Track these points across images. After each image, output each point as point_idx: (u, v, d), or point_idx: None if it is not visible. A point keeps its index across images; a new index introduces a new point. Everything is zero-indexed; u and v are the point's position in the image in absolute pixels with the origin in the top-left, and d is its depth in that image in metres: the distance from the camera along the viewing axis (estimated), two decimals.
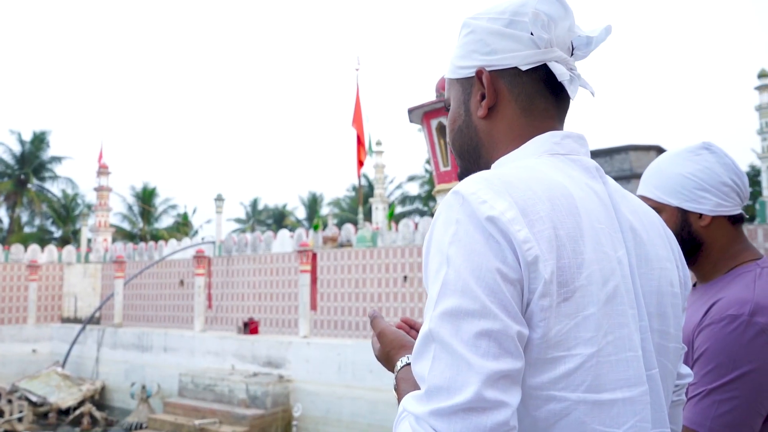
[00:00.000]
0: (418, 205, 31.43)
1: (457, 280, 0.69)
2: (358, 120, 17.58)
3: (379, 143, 24.62)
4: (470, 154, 0.93)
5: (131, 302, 20.29)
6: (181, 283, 19.32)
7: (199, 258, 16.97)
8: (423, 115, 3.09)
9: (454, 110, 0.94)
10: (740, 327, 1.23)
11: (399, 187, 32.94)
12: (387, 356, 0.93)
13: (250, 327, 15.63)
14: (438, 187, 3.06)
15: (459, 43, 0.92)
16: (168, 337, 16.82)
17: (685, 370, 0.96)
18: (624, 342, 0.74)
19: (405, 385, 0.83)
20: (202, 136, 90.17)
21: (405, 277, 14.87)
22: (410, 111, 3.25)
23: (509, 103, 0.88)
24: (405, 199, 31.86)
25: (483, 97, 0.89)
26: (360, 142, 17.37)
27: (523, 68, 0.86)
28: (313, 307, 15.03)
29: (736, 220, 1.44)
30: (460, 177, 1.00)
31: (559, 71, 0.85)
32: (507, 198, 0.73)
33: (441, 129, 2.99)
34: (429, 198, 28.84)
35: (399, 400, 0.84)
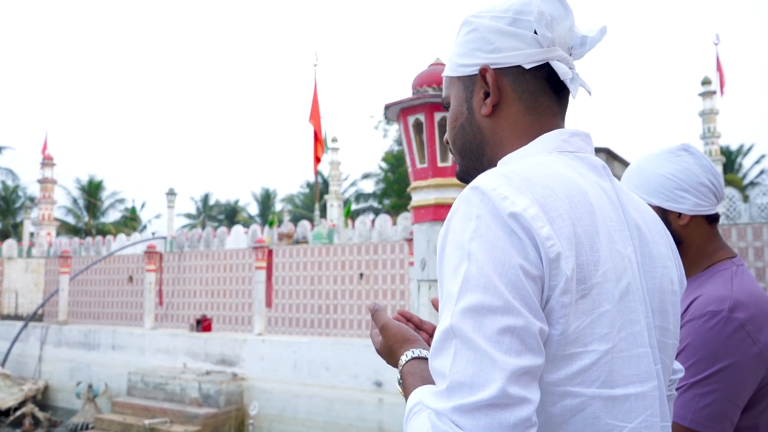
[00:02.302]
0: (372, 202, 31.42)
1: (480, 275, 0.69)
2: (315, 116, 17.44)
3: (335, 140, 24.52)
4: (473, 152, 0.93)
5: (77, 299, 19.61)
6: (130, 279, 18.79)
7: (150, 253, 16.53)
8: (399, 111, 3.10)
9: (456, 108, 0.94)
10: (720, 323, 1.27)
11: (353, 184, 32.88)
12: (390, 350, 0.92)
13: (203, 324, 15.32)
14: (414, 184, 3.09)
15: (460, 41, 0.92)
16: (116, 335, 16.32)
17: (677, 365, 0.99)
18: (636, 338, 0.76)
19: (412, 379, 0.83)
20: (152, 128, 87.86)
21: (361, 275, 14.86)
22: (387, 107, 3.26)
23: (513, 101, 0.88)
24: (359, 197, 31.80)
25: (486, 95, 0.89)
26: (317, 138, 17.24)
27: (527, 67, 0.86)
28: (269, 304, 14.87)
29: (712, 220, 1.49)
30: (460, 176, 0.99)
31: (562, 70, 0.86)
32: (528, 194, 0.73)
33: (417, 126, 3.01)
34: (384, 195, 28.86)
35: (405, 394, 0.84)
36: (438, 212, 3.17)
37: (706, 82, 17.76)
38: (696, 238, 1.47)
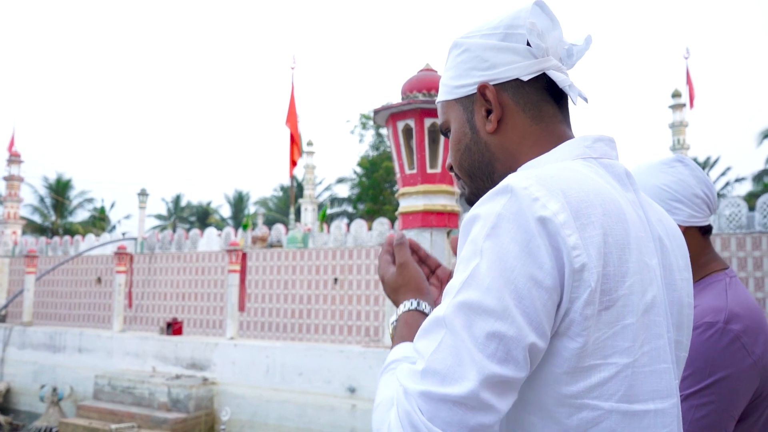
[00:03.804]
0: (346, 207, 31.36)
1: (486, 275, 0.68)
2: (292, 119, 17.34)
3: (310, 144, 24.42)
4: (482, 172, 0.91)
5: (43, 299, 19.14)
6: (99, 280, 18.42)
7: (121, 254, 16.22)
8: (389, 116, 3.08)
9: (458, 131, 0.92)
10: (716, 334, 1.28)
11: (328, 188, 32.77)
12: (397, 290, 0.92)
13: (174, 328, 15.07)
14: (402, 190, 3.06)
15: (452, 64, 0.92)
16: (83, 337, 15.95)
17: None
18: (659, 353, 0.75)
19: (405, 330, 0.85)
20: (123, 127, 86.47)
21: (335, 280, 14.80)
22: (376, 112, 3.23)
23: (517, 114, 0.88)
24: (334, 201, 31.71)
25: (488, 112, 0.88)
26: (294, 141, 17.15)
27: (525, 78, 0.86)
28: (241, 308, 14.70)
29: (705, 231, 1.50)
30: (471, 199, 0.96)
31: (560, 78, 0.86)
32: (561, 198, 0.71)
33: (407, 131, 2.99)
34: (358, 200, 28.82)
35: (393, 340, 0.87)
36: (426, 219, 3.12)
37: (676, 94, 18.14)
38: (690, 249, 1.47)
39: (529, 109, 0.87)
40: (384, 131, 27.03)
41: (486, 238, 0.70)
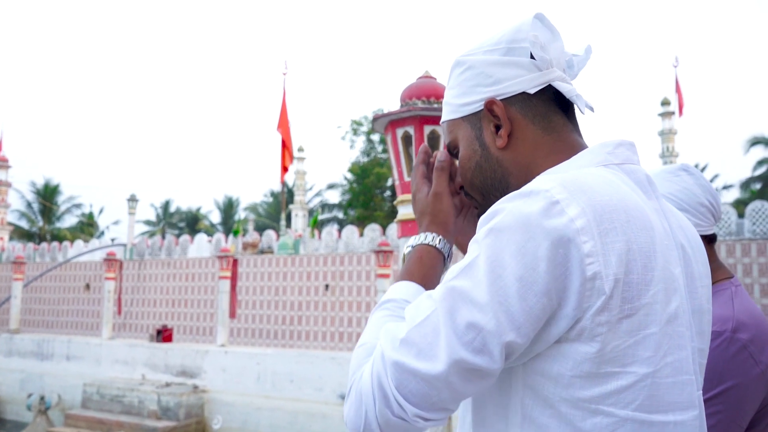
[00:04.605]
0: (337, 213, 31.33)
1: (480, 268, 0.70)
2: (284, 124, 17.32)
3: (301, 149, 24.40)
4: (495, 188, 0.90)
5: (30, 306, 18.93)
6: (87, 287, 18.25)
7: (110, 261, 16.08)
8: (388, 123, 3.07)
9: (467, 148, 0.92)
10: (724, 343, 1.28)
11: (318, 194, 32.72)
12: (423, 215, 0.95)
13: (164, 335, 14.95)
14: (400, 197, 3.06)
15: (455, 82, 0.91)
16: (72, 345, 15.78)
17: None
18: (682, 364, 0.74)
19: (416, 266, 0.89)
20: (111, 132, 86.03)
21: (327, 286, 14.76)
22: (375, 119, 3.23)
23: (527, 127, 0.87)
24: (324, 207, 31.66)
25: (497, 127, 0.88)
26: (285, 146, 17.11)
27: (531, 91, 0.86)
28: (232, 314, 14.62)
29: (710, 240, 1.50)
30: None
31: (566, 89, 0.86)
32: (582, 201, 0.71)
33: (406, 138, 2.99)
34: (349, 206, 28.80)
35: (402, 266, 0.92)
36: None
37: (665, 102, 18.31)
38: None
39: (539, 121, 0.87)
40: (375, 137, 27.06)
41: (490, 233, 0.72)
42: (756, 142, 24.83)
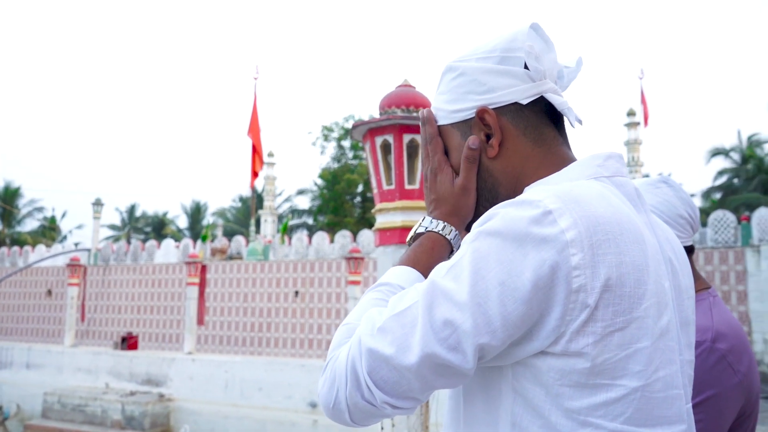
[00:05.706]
0: (307, 219, 31.16)
1: (465, 268, 0.71)
2: (254, 129, 17.17)
3: (271, 155, 24.21)
4: (485, 197, 0.90)
5: None
6: (49, 293, 17.78)
7: (74, 266, 15.70)
8: (367, 131, 3.04)
9: (456, 157, 0.90)
10: (704, 353, 1.30)
11: (288, 200, 32.51)
12: (441, 203, 0.91)
13: (129, 342, 14.65)
14: (379, 206, 3.02)
15: (446, 88, 0.90)
16: (32, 353, 15.35)
17: None
18: (672, 379, 0.75)
19: (423, 254, 0.87)
20: (75, 134, 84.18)
21: (296, 293, 14.65)
22: (354, 127, 3.19)
23: (518, 137, 0.86)
24: (294, 213, 31.47)
25: (488, 136, 0.87)
26: (256, 151, 16.96)
27: (524, 102, 0.85)
28: (200, 321, 14.40)
29: (689, 251, 1.53)
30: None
31: (558, 101, 0.86)
32: (575, 213, 0.71)
33: (385, 147, 2.97)
34: (319, 212, 28.68)
35: (407, 248, 0.91)
36: (404, 235, 3.10)
37: (631, 113, 18.72)
38: None
39: (530, 133, 0.86)
40: (346, 143, 27.01)
41: (480, 235, 0.73)
42: (716, 152, 25.58)
